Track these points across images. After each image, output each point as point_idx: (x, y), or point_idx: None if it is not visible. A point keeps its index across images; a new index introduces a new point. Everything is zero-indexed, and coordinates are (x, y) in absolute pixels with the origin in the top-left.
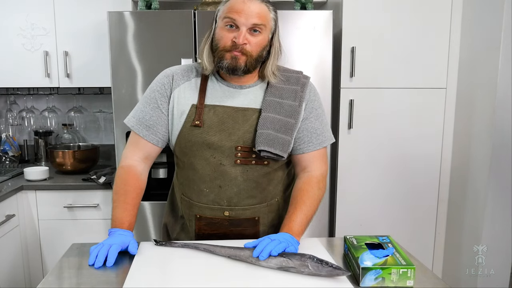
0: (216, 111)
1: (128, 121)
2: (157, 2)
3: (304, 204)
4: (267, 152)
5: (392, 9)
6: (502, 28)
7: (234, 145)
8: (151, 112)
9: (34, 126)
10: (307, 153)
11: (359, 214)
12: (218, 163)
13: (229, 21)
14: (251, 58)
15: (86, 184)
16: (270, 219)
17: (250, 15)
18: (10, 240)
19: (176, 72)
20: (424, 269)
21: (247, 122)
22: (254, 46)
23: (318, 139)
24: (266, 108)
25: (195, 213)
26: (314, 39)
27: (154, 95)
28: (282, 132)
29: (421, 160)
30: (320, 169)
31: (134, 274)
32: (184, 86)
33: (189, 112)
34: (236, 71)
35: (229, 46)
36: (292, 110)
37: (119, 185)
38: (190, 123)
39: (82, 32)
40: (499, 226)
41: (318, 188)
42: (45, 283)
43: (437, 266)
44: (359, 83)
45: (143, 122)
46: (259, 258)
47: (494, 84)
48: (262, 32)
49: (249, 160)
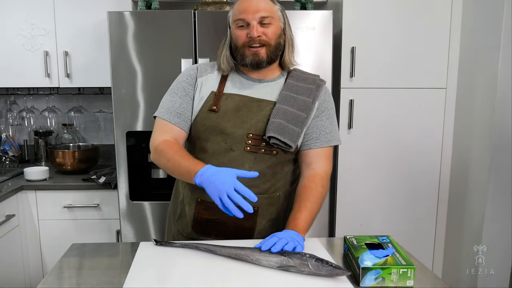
0: (233, 99)
1: (158, 113)
2: (157, 2)
3: (308, 201)
4: (276, 139)
5: (392, 9)
6: (502, 28)
7: (246, 132)
8: (180, 100)
9: (34, 126)
10: (313, 149)
11: (359, 214)
12: (229, 148)
13: (239, 22)
14: (270, 47)
15: (86, 184)
16: (269, 212)
17: (256, 10)
18: (10, 240)
19: (201, 65)
20: (424, 269)
21: (261, 112)
22: (270, 35)
23: (326, 138)
24: (281, 101)
25: (196, 197)
26: (314, 39)
27: (182, 85)
28: (293, 123)
29: (421, 160)
30: (325, 167)
31: (134, 274)
32: (207, 76)
33: (207, 98)
34: (261, 64)
35: (246, 41)
36: (305, 105)
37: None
38: (207, 107)
39: (82, 32)
40: (499, 226)
41: (321, 185)
42: (45, 283)
43: (437, 266)
44: (359, 83)
45: (173, 111)
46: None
47: (494, 84)
48: (272, 23)
49: (259, 148)
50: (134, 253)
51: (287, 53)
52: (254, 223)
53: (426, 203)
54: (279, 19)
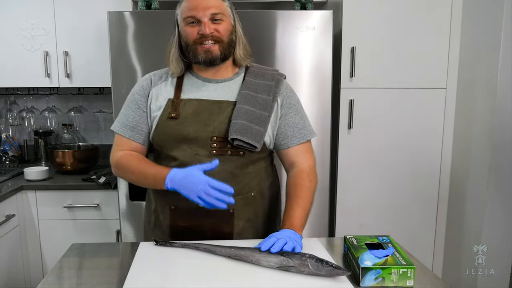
0: (192, 104)
1: (114, 127)
2: (157, 2)
3: (299, 198)
4: (240, 141)
5: (392, 9)
6: (502, 28)
7: (210, 136)
8: (133, 114)
9: (34, 126)
10: (292, 147)
11: (359, 214)
12: (194, 153)
13: (189, 19)
14: (223, 43)
15: (86, 184)
16: (246, 213)
17: (206, 6)
18: (10, 240)
19: (154, 74)
20: (424, 269)
21: (223, 113)
22: (222, 31)
23: (301, 133)
24: (241, 101)
25: (169, 205)
26: (314, 39)
27: (134, 98)
28: (255, 123)
29: (421, 160)
30: (308, 162)
31: (134, 274)
32: (161, 85)
33: (165, 106)
34: (214, 61)
35: (198, 38)
36: (265, 104)
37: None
38: (166, 116)
39: (82, 32)
40: (499, 226)
41: (309, 180)
42: (45, 283)
43: (437, 266)
44: (359, 83)
45: (127, 125)
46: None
47: (494, 84)
48: (223, 19)
49: (225, 151)
50: (134, 253)
51: (237, 49)
52: (232, 225)
53: (426, 203)
54: (229, 15)
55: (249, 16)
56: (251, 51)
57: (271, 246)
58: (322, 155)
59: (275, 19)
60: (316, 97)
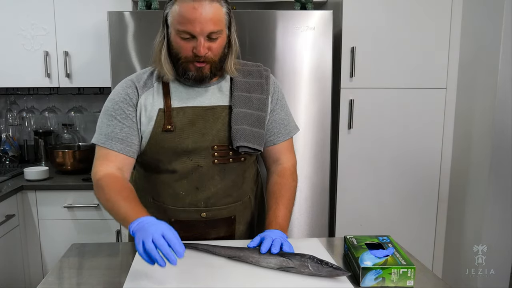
0: (185, 112)
1: (97, 140)
2: (157, 2)
3: (284, 198)
4: (245, 147)
5: (392, 9)
6: (502, 28)
7: (210, 145)
8: (120, 124)
9: (34, 126)
10: (277, 144)
11: (359, 214)
12: (196, 165)
13: (184, 34)
14: (214, 63)
15: (86, 184)
16: (245, 216)
17: (204, 23)
18: (10, 240)
19: (137, 80)
20: (424, 269)
21: (219, 120)
22: (215, 51)
23: (286, 130)
24: (237, 104)
25: (169, 217)
26: (314, 39)
27: (120, 106)
28: (256, 126)
29: (421, 160)
30: (291, 160)
31: (134, 274)
32: (147, 94)
33: (157, 117)
34: (204, 80)
35: (191, 56)
36: (261, 104)
37: (106, 192)
38: (160, 128)
39: (82, 32)
40: (499, 226)
41: (292, 179)
42: (45, 283)
43: (437, 266)
44: (359, 83)
45: (114, 136)
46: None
47: (494, 84)
48: (220, 36)
49: (227, 159)
50: (134, 253)
51: (229, 60)
52: (233, 230)
53: (426, 203)
54: (225, 24)
55: (249, 16)
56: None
57: (269, 247)
58: (322, 155)
59: (275, 19)
60: (316, 97)
